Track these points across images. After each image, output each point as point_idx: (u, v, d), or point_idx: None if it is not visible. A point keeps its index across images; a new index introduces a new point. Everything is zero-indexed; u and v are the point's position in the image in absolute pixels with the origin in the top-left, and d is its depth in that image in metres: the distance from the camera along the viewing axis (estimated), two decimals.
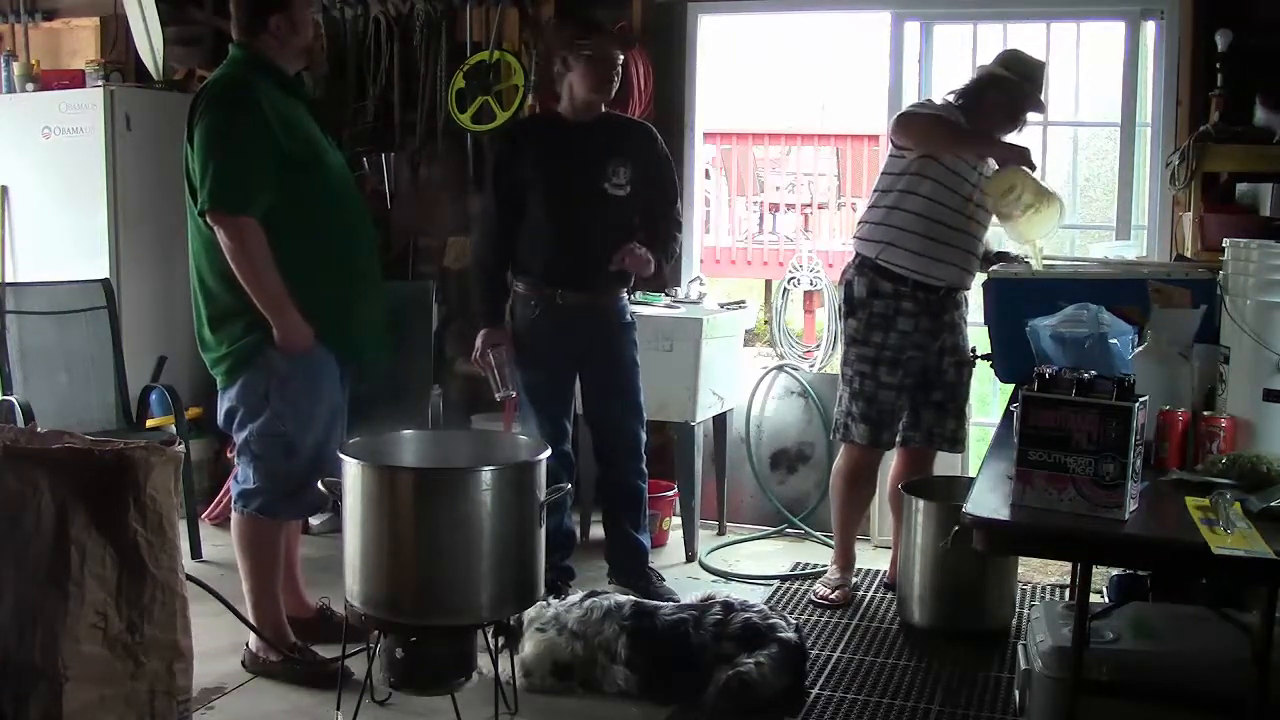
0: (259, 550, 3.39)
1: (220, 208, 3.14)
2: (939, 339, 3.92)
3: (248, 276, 3.16)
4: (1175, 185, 4.27)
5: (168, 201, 4.94)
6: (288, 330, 3.20)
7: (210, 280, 3.27)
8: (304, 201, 3.24)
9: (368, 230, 3.50)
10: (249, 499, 3.35)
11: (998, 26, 4.93)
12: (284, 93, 3.29)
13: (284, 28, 3.28)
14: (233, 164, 3.14)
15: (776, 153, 10.48)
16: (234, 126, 3.16)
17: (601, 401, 4.02)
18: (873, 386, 3.90)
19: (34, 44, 5.51)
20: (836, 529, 4.20)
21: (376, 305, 3.48)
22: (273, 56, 3.30)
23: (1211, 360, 2.59)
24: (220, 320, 3.27)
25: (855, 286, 3.91)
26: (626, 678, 3.27)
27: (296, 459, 3.29)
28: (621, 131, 3.96)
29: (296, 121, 3.28)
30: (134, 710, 2.73)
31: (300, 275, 3.21)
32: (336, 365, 3.38)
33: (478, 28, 5.07)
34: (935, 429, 4.02)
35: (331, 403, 3.37)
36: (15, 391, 4.35)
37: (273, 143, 3.16)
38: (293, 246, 3.20)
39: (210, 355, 3.33)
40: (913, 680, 3.45)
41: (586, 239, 3.84)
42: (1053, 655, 2.53)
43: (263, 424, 3.28)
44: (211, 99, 3.19)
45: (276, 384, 3.26)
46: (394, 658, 2.91)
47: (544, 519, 2.97)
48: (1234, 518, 2.09)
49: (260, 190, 3.16)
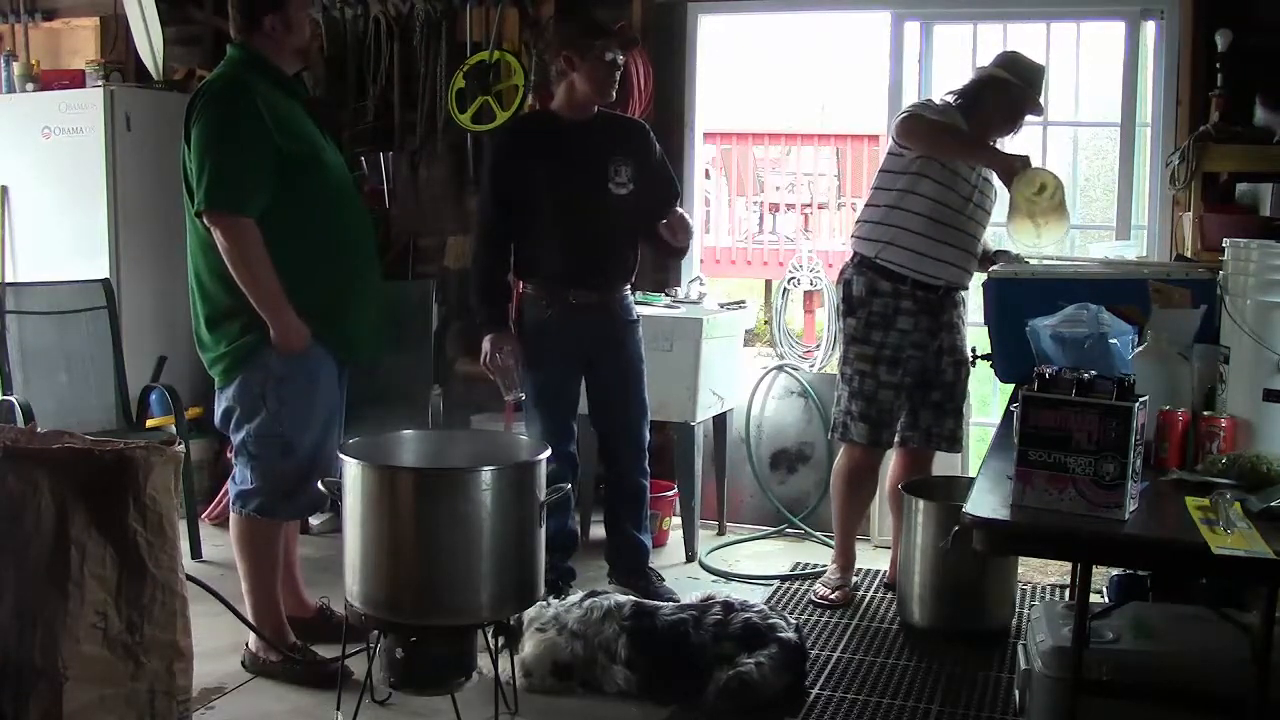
0: (257, 550, 3.39)
1: (217, 208, 3.14)
2: (938, 338, 3.92)
3: (244, 277, 3.16)
4: (1175, 185, 4.27)
5: (168, 201, 4.94)
6: (284, 330, 3.20)
7: (207, 280, 3.27)
8: (301, 201, 3.24)
9: (366, 230, 3.50)
10: (247, 499, 3.35)
11: (998, 26, 4.93)
12: (281, 92, 3.29)
13: (279, 28, 3.27)
14: (229, 164, 3.14)
15: (776, 153, 10.48)
16: (230, 126, 3.16)
17: (608, 399, 4.02)
18: (873, 385, 3.90)
19: (34, 44, 5.52)
20: (837, 529, 4.20)
21: (374, 305, 3.47)
22: (269, 56, 3.30)
23: (1211, 360, 2.59)
24: (217, 320, 3.27)
25: (854, 285, 3.91)
26: (626, 678, 3.27)
27: (294, 459, 3.29)
28: (620, 130, 3.96)
29: (294, 121, 3.28)
30: (134, 710, 2.73)
31: (297, 275, 3.21)
32: (334, 365, 3.38)
33: (478, 28, 5.07)
34: (934, 428, 4.02)
35: (329, 403, 3.37)
36: (15, 391, 4.35)
37: (270, 142, 3.16)
38: (290, 246, 3.20)
39: (208, 355, 3.33)
40: (913, 680, 3.45)
41: (594, 239, 3.85)
42: (1053, 655, 2.53)
43: (260, 424, 3.28)
44: (208, 99, 3.19)
45: (273, 384, 3.25)
46: (394, 658, 2.91)
47: (544, 519, 2.97)
48: (1234, 518, 2.09)
49: (257, 190, 3.16)
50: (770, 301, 5.96)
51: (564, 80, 3.84)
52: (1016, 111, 3.86)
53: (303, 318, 3.23)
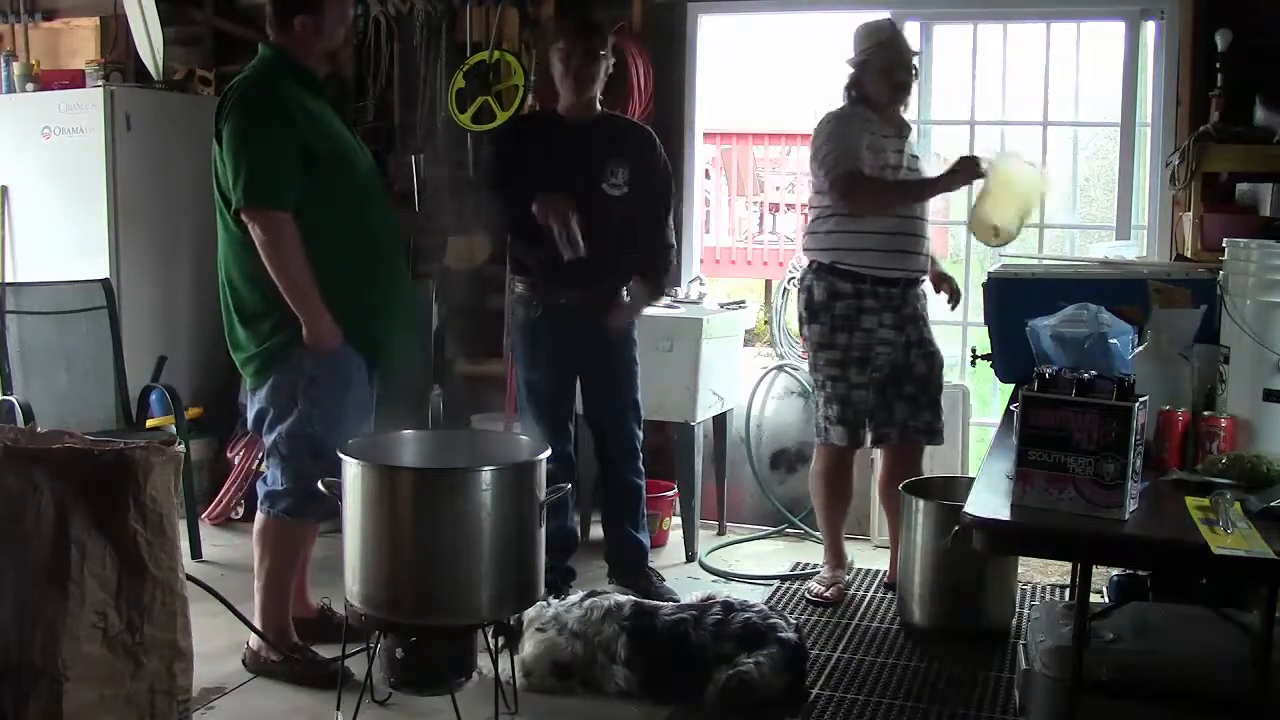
0: (280, 551, 3.38)
1: (255, 204, 3.15)
2: (904, 333, 3.96)
3: (279, 271, 3.16)
4: (1175, 185, 4.27)
5: (168, 201, 4.97)
6: (317, 328, 3.20)
7: (239, 281, 3.27)
8: (331, 201, 3.24)
9: (395, 231, 3.50)
10: (275, 500, 3.35)
11: (998, 26, 4.94)
12: (309, 92, 3.30)
13: (309, 29, 3.28)
14: (263, 162, 3.15)
15: (776, 153, 10.46)
16: (261, 126, 3.17)
17: (601, 400, 4.03)
18: (845, 388, 3.93)
19: (34, 44, 5.51)
20: (823, 528, 4.22)
21: (403, 305, 3.49)
22: (299, 56, 3.31)
23: (1211, 360, 2.59)
24: (249, 320, 3.28)
25: (815, 291, 3.95)
26: (626, 678, 3.27)
27: (324, 460, 3.27)
28: (621, 132, 3.97)
29: (323, 120, 3.30)
30: (134, 710, 2.73)
31: (327, 275, 3.22)
32: (365, 365, 3.38)
33: (478, 28, 5.07)
34: (910, 422, 4.03)
35: (360, 403, 3.37)
36: (15, 391, 4.34)
37: (298, 141, 3.17)
38: (319, 246, 3.20)
39: (240, 355, 3.34)
40: (913, 680, 3.45)
41: (585, 239, 3.84)
42: (1053, 655, 2.53)
43: (292, 425, 3.28)
44: (238, 100, 3.21)
45: (305, 384, 3.26)
46: (394, 658, 2.91)
47: (544, 519, 2.97)
48: (1234, 518, 2.09)
49: (291, 187, 3.17)
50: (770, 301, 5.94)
51: (557, 80, 3.89)
52: (891, 76, 3.93)
53: (333, 317, 3.23)
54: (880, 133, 3.91)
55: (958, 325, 4.79)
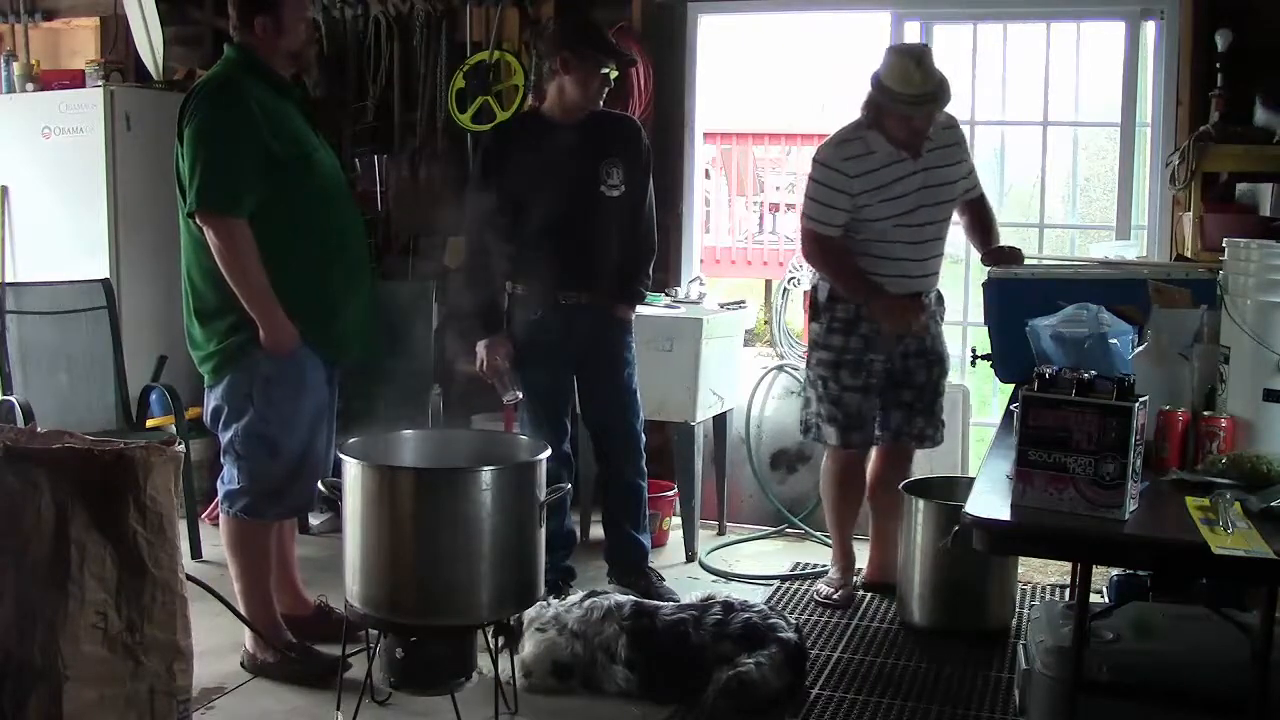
0: (247, 551, 3.39)
1: (209, 208, 3.15)
2: (903, 342, 3.91)
3: (235, 277, 3.16)
4: (1175, 185, 4.27)
5: (168, 201, 4.88)
6: (274, 331, 3.20)
7: (198, 278, 3.28)
8: (292, 201, 3.24)
9: (357, 231, 3.49)
10: (234, 499, 3.36)
11: (998, 26, 4.94)
12: (273, 93, 3.29)
13: (270, 29, 3.28)
14: (221, 165, 3.15)
15: (776, 153, 10.46)
16: (222, 126, 3.16)
17: (600, 401, 4.02)
18: (836, 390, 3.92)
19: (34, 44, 5.52)
20: (832, 530, 4.20)
21: (364, 306, 3.46)
22: (263, 57, 3.30)
23: (1211, 360, 2.59)
24: (207, 318, 3.28)
25: (819, 291, 3.96)
26: (626, 678, 3.27)
27: (281, 460, 3.30)
28: (610, 131, 3.93)
29: (286, 121, 3.28)
30: (134, 710, 2.73)
31: (286, 275, 3.22)
32: (323, 366, 3.38)
33: (478, 28, 5.07)
34: (903, 428, 4.01)
35: (317, 403, 3.37)
36: (15, 391, 4.35)
37: (260, 143, 3.16)
38: (279, 246, 3.21)
39: (198, 353, 3.35)
40: (913, 680, 3.45)
41: (585, 242, 3.85)
42: (1053, 655, 2.53)
43: (247, 424, 3.28)
44: (201, 99, 3.20)
45: (261, 384, 3.26)
46: (394, 658, 2.91)
47: (544, 519, 2.97)
48: (1234, 518, 2.09)
49: (249, 191, 3.16)
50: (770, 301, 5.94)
51: (555, 80, 3.83)
52: (906, 120, 3.73)
53: (291, 318, 3.23)
54: (886, 160, 3.76)
55: (958, 325, 4.79)
